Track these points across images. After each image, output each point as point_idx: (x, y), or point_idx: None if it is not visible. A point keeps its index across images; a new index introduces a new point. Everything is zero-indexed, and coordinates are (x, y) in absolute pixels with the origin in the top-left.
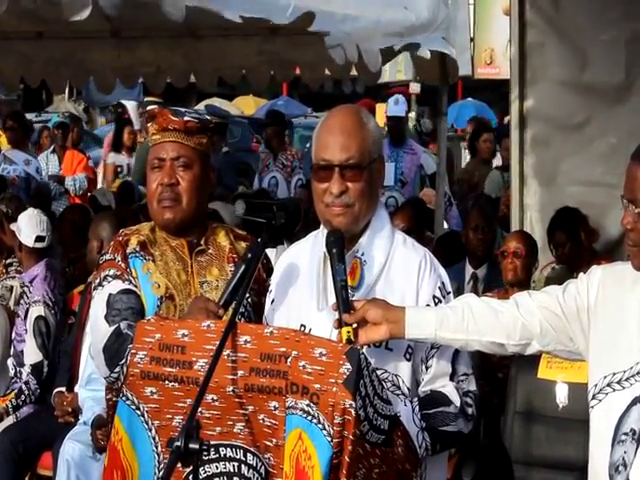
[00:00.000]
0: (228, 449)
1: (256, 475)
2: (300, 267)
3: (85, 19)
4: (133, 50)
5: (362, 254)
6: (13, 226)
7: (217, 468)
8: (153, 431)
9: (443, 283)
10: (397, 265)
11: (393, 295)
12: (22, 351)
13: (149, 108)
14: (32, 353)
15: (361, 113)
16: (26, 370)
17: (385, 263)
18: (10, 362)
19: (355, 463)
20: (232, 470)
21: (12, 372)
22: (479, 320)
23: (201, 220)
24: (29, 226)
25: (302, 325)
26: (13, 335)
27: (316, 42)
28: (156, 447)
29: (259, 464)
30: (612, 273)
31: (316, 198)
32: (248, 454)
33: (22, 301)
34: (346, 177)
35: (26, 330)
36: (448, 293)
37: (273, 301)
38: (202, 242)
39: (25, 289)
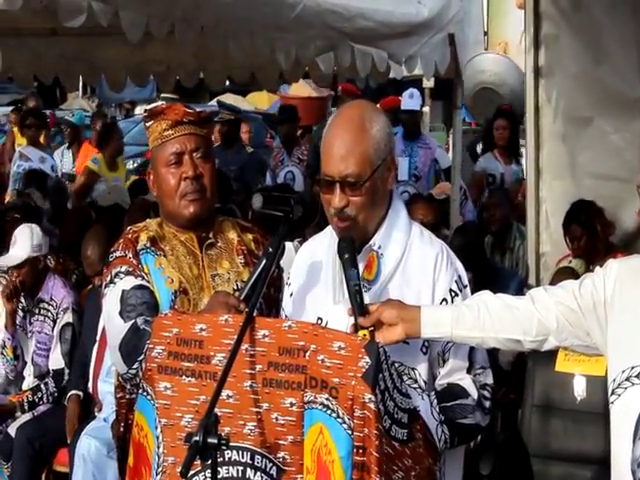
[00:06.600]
0: (234, 452)
1: (264, 477)
2: (317, 261)
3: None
4: (144, 48)
5: (379, 247)
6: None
7: (219, 473)
8: (158, 429)
9: (460, 277)
10: (414, 259)
11: (409, 289)
12: (44, 365)
13: (154, 105)
14: (56, 359)
15: (364, 118)
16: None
17: (402, 256)
18: (26, 373)
19: (388, 463)
20: (235, 475)
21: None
22: (495, 317)
23: (212, 213)
24: (26, 242)
25: (319, 318)
26: (33, 348)
27: (325, 39)
28: (158, 447)
29: (269, 465)
30: (629, 266)
31: (324, 205)
32: (256, 456)
33: (39, 318)
34: (346, 192)
35: (46, 344)
36: (465, 287)
37: (292, 294)
38: (211, 235)
39: (44, 305)
